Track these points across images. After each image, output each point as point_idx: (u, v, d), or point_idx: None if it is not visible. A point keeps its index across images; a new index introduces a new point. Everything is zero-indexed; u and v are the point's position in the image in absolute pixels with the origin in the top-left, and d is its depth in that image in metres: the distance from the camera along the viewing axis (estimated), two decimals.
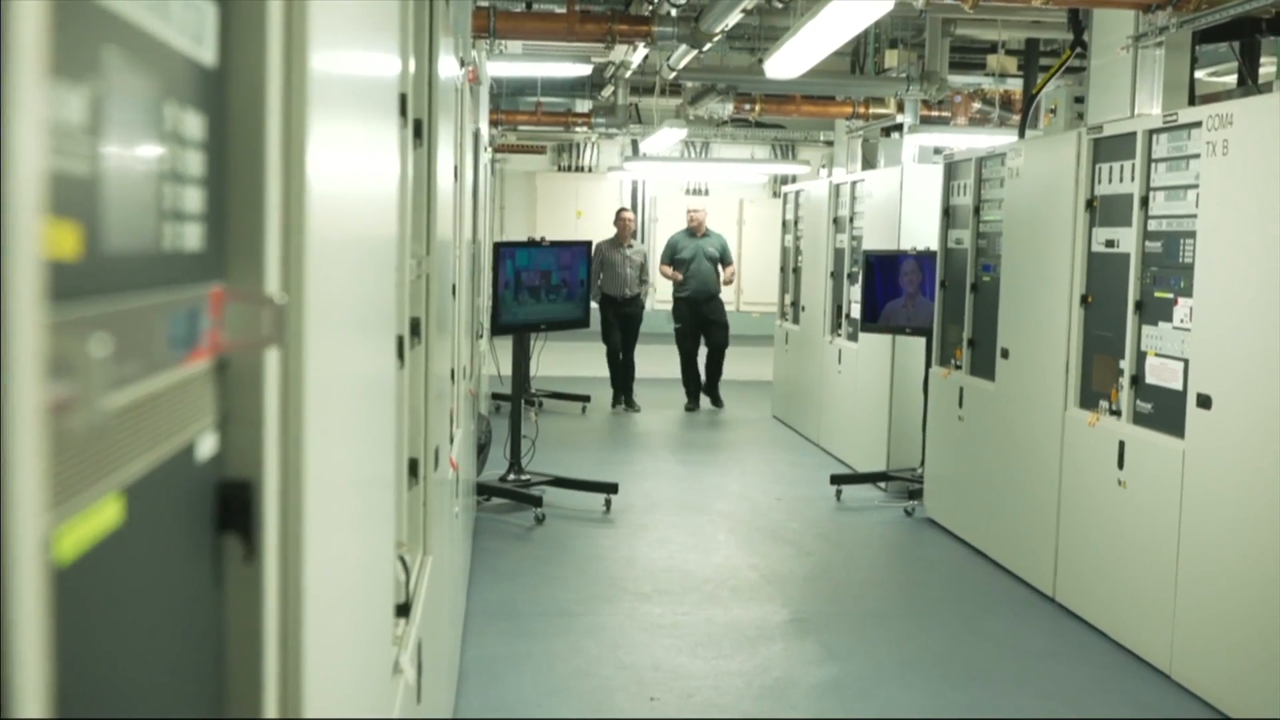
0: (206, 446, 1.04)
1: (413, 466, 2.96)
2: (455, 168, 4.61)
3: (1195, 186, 5.38)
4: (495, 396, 11.91)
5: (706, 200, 20.30)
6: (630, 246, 13.15)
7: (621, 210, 13.59)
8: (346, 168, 1.48)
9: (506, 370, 9.34)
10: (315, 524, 1.22)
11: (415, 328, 3.02)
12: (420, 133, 3.03)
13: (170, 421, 0.94)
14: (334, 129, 1.35)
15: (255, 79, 1.08)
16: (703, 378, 13.22)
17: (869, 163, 11.94)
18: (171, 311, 0.92)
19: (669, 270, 13.13)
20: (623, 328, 12.92)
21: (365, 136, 1.69)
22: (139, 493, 0.88)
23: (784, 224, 12.85)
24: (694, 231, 13.24)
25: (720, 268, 13.23)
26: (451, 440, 4.44)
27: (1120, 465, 5.88)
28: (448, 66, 3.79)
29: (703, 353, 13.19)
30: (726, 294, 13.76)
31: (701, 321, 12.98)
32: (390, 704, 2.23)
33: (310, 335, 1.18)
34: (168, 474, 0.95)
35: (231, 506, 1.08)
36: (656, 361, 14.23)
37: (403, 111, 2.49)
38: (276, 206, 1.11)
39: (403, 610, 2.51)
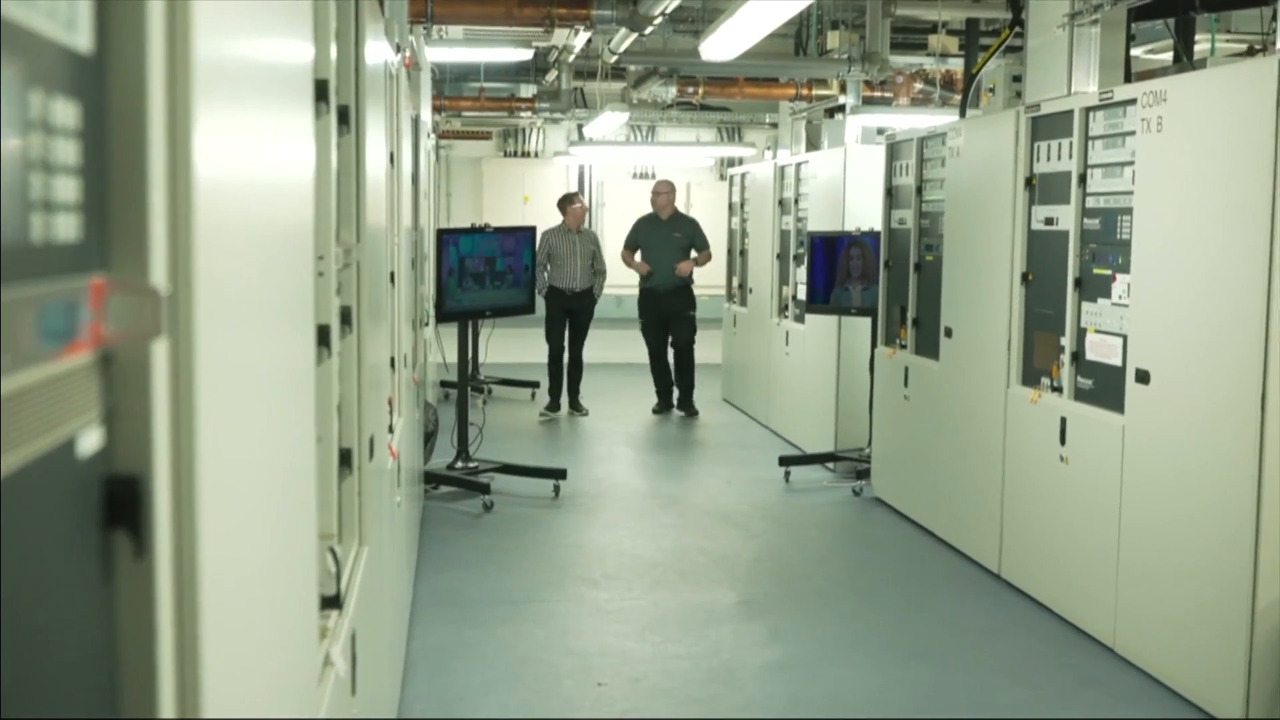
0: (91, 441, 1.02)
1: (346, 456, 2.94)
2: (391, 154, 4.58)
3: (1132, 163, 5.41)
4: (443, 385, 11.86)
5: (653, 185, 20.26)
6: (580, 234, 11.79)
7: (571, 194, 12.18)
8: (245, 155, 1.45)
9: (453, 358, 9.29)
10: (211, 518, 1.20)
11: (346, 317, 2.99)
12: (347, 119, 3.00)
13: (47, 416, 0.92)
14: (227, 115, 1.33)
15: (135, 66, 1.06)
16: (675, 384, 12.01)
17: (813, 144, 11.96)
18: (43, 304, 0.90)
19: (629, 257, 11.88)
20: (572, 324, 11.69)
21: (269, 123, 1.66)
22: (14, 489, 0.85)
23: (730, 206, 12.85)
24: (659, 214, 11.93)
25: (692, 254, 11.80)
26: (392, 429, 4.41)
27: (1062, 442, 5.92)
28: (377, 52, 3.75)
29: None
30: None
31: (666, 315, 11.69)
32: (319, 697, 2.21)
33: (201, 326, 1.16)
34: (47, 470, 0.93)
35: (119, 502, 1.05)
36: (604, 345, 14.12)
37: (324, 97, 2.46)
38: (161, 196, 1.09)
39: (333, 602, 2.49)
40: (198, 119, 1.15)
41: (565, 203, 11.96)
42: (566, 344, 11.66)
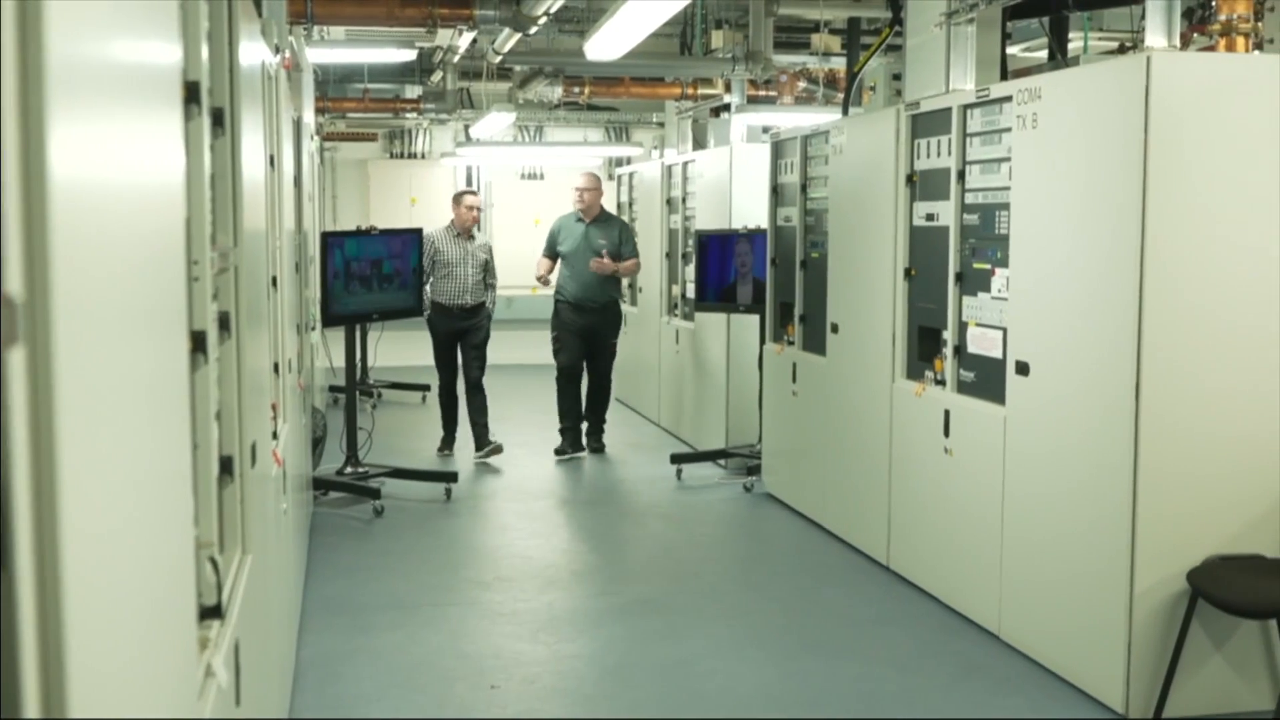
0: None
1: (227, 464, 2.89)
2: (271, 157, 4.52)
3: (1008, 159, 5.52)
4: (331, 389, 11.72)
5: (542, 185, 20.24)
6: (473, 239, 9.89)
7: (463, 193, 10.12)
8: (107, 159, 1.42)
9: (340, 362, 9.20)
10: (76, 529, 1.17)
11: (225, 322, 2.94)
12: (222, 121, 2.95)
13: None
14: (87, 118, 1.30)
15: None
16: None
17: (699, 143, 12.02)
18: None
19: (544, 264, 10.11)
20: (465, 346, 9.78)
21: (135, 126, 1.63)
22: None
23: (619, 206, 12.86)
24: (583, 215, 10.04)
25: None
26: (276, 435, 4.35)
27: (946, 434, 6.01)
28: (253, 53, 3.70)
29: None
30: None
31: (585, 336, 9.95)
32: (200, 708, 2.18)
33: (60, 334, 1.14)
34: None
35: None
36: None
37: (195, 100, 2.42)
38: (14, 202, 1.06)
39: (215, 612, 2.45)
40: (53, 122, 1.13)
41: (453, 203, 10.16)
42: (460, 371, 9.81)
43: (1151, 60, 4.58)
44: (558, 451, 9.88)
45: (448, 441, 10.00)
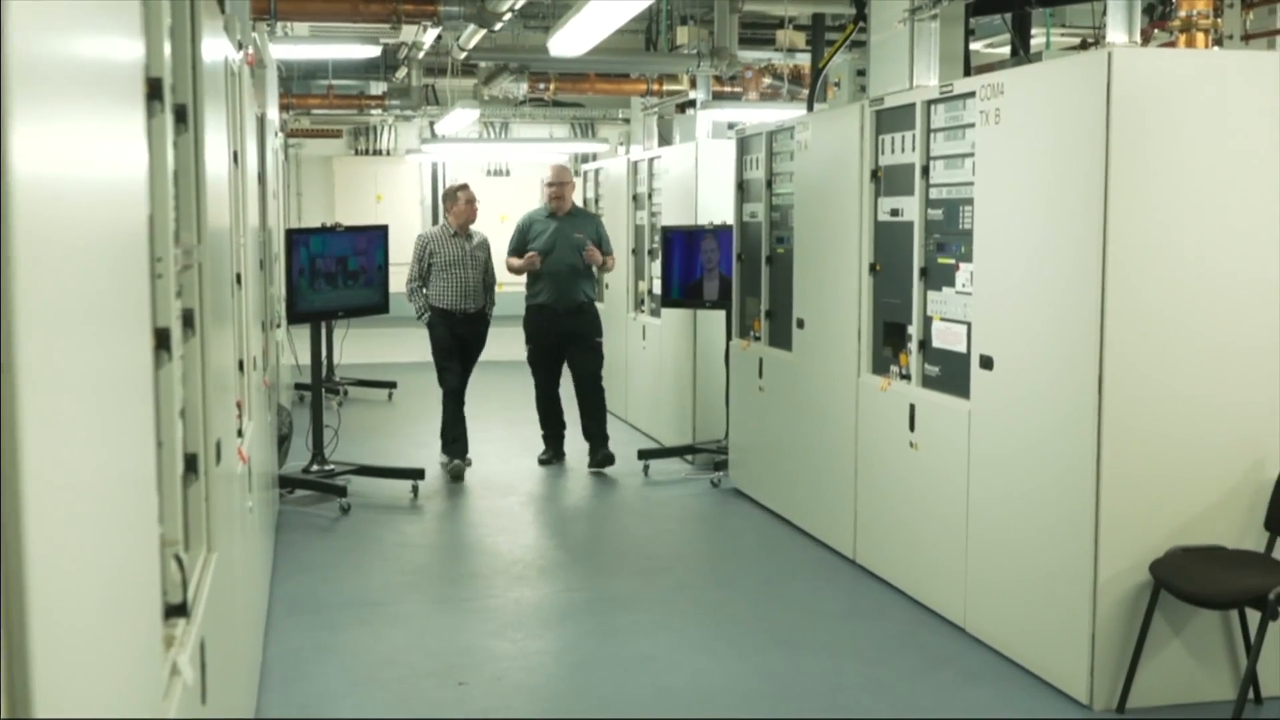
0: None
1: (191, 462, 2.88)
2: (235, 153, 4.50)
3: (972, 155, 5.55)
4: (297, 387, 11.67)
5: (508, 182, 20.20)
6: (471, 238, 9.08)
7: (457, 188, 9.32)
8: (69, 156, 1.42)
9: (306, 360, 9.16)
10: (38, 526, 1.17)
11: (189, 319, 2.93)
12: (185, 118, 2.94)
13: None
14: (49, 115, 1.30)
15: None
16: (568, 419, 9.58)
17: (665, 139, 12.04)
18: None
19: (516, 262, 9.27)
20: (465, 349, 9.13)
21: (97, 123, 1.62)
22: None
23: (585, 203, 12.86)
24: (555, 210, 9.31)
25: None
26: (241, 433, 4.33)
27: (912, 428, 6.04)
28: (215, 49, 3.68)
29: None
30: None
31: (562, 340, 9.24)
32: (166, 706, 2.17)
33: (21, 330, 1.13)
34: None
35: None
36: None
37: (158, 96, 2.41)
38: None
39: (180, 610, 2.44)
40: (14, 119, 1.12)
41: (446, 199, 9.37)
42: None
43: (1113, 56, 4.61)
44: (541, 460, 9.39)
45: (455, 453, 9.02)
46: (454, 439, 9.02)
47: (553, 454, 9.48)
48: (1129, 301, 4.68)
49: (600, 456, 9.18)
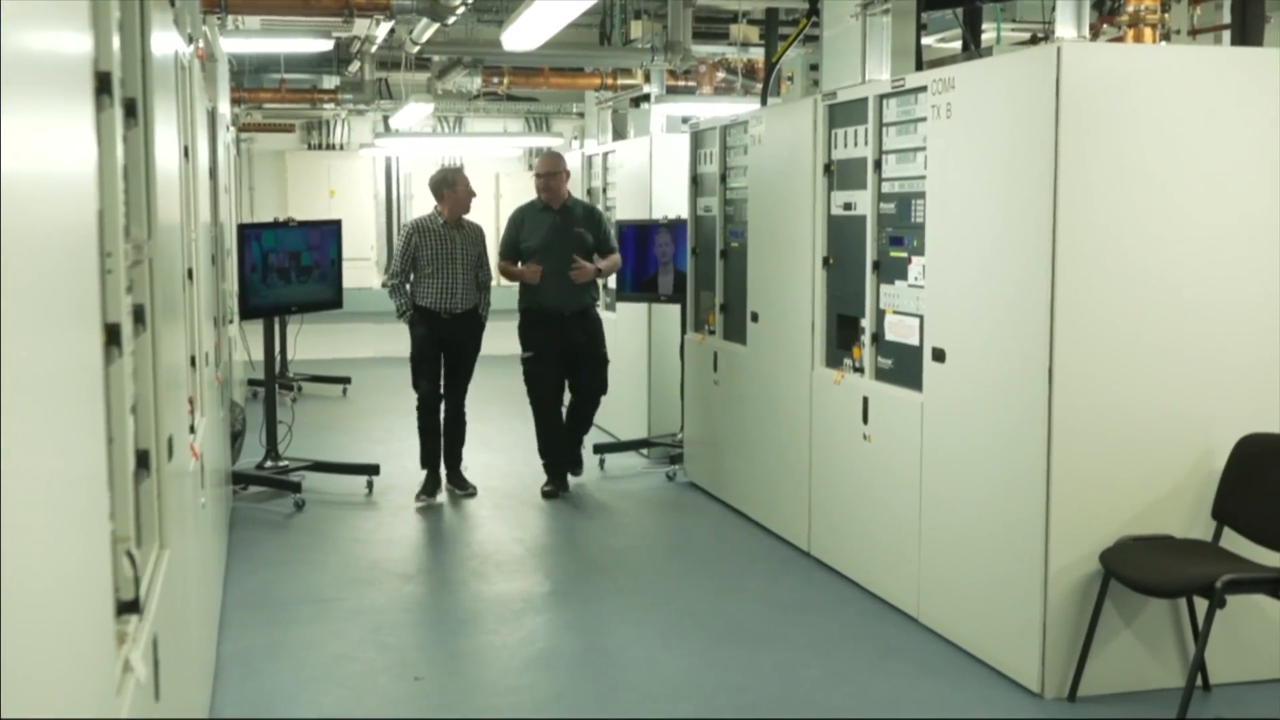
0: None
1: (143, 458, 2.86)
2: (186, 148, 4.47)
3: (924, 149, 5.58)
4: (251, 383, 11.61)
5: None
6: (461, 228, 8.12)
7: (454, 171, 8.32)
8: (14, 151, 1.41)
9: (259, 355, 9.11)
10: None
11: (140, 315, 2.91)
12: (135, 112, 2.92)
13: None
14: None
15: None
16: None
17: (619, 133, 12.03)
18: None
19: (514, 268, 8.19)
20: (449, 361, 8.13)
21: (43, 118, 1.61)
22: None
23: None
24: (549, 203, 8.26)
25: (595, 259, 8.26)
26: (193, 429, 4.31)
27: (865, 420, 6.08)
28: (166, 43, 3.66)
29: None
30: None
31: (565, 350, 8.21)
32: (118, 704, 2.16)
33: None
34: None
35: None
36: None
37: (107, 90, 2.39)
38: None
39: (132, 607, 2.43)
40: None
41: (441, 184, 8.16)
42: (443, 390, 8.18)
43: (1062, 50, 4.66)
44: (545, 492, 8.24)
45: (431, 485, 8.11)
46: (426, 463, 8.15)
47: (558, 484, 8.32)
48: (1079, 294, 4.72)
49: (571, 466, 8.49)
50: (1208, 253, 4.87)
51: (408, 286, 8.07)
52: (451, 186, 8.04)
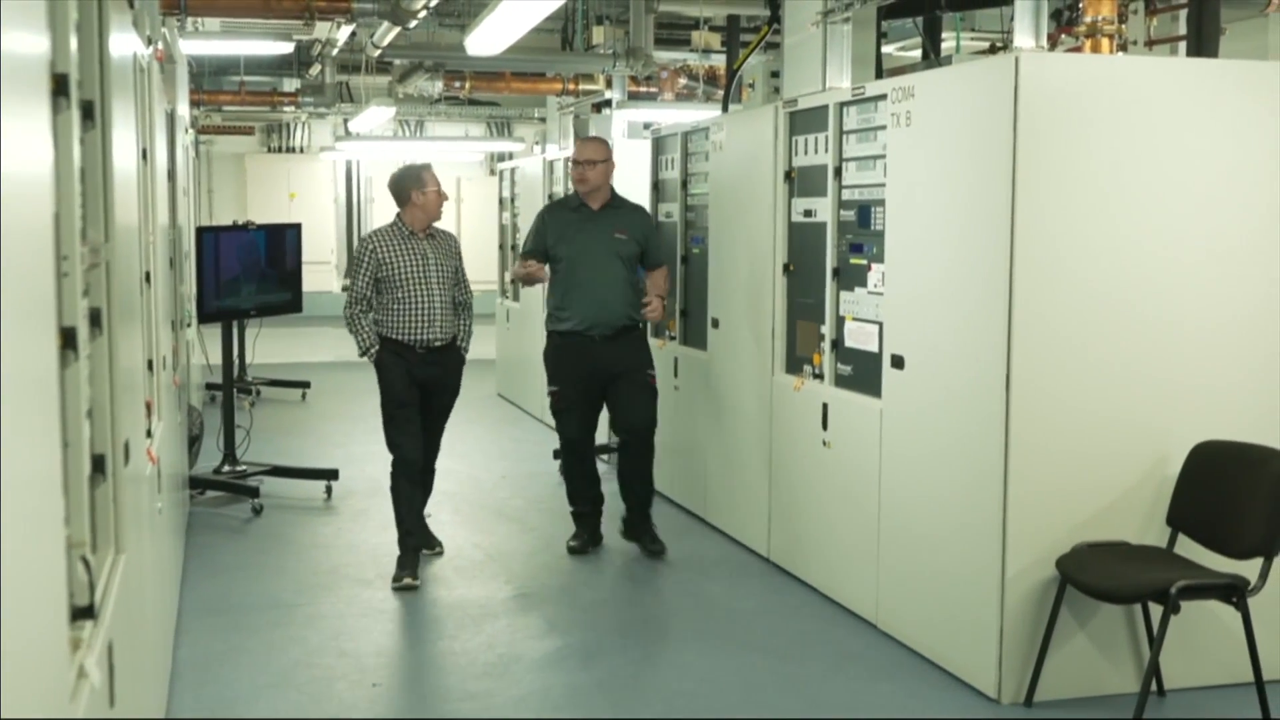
0: None
1: (99, 463, 2.84)
2: (144, 150, 4.44)
3: (884, 157, 5.61)
4: (209, 387, 11.53)
5: None
6: (433, 238, 6.55)
7: (421, 169, 6.62)
8: None
9: (217, 359, 9.05)
10: None
11: (96, 318, 2.89)
12: (92, 114, 2.90)
13: None
14: None
15: None
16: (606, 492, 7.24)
17: (581, 139, 12.02)
18: None
19: (525, 270, 6.91)
20: (425, 404, 6.58)
21: None
22: None
23: (501, 201, 12.84)
24: (585, 199, 6.91)
25: (642, 272, 6.94)
26: (150, 433, 4.28)
27: (825, 427, 6.10)
28: (124, 44, 3.64)
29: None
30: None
31: (603, 378, 6.85)
32: (73, 709, 2.15)
33: None
34: None
35: None
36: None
37: (64, 92, 2.38)
38: None
39: (87, 612, 2.41)
40: None
41: (406, 183, 6.53)
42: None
43: (1020, 60, 4.69)
44: (572, 548, 6.97)
45: (411, 562, 6.42)
46: (405, 534, 6.52)
47: (587, 538, 7.02)
48: (1036, 302, 4.76)
49: (651, 546, 6.94)
50: (1164, 261, 4.91)
51: (370, 316, 6.48)
52: (420, 186, 6.48)
